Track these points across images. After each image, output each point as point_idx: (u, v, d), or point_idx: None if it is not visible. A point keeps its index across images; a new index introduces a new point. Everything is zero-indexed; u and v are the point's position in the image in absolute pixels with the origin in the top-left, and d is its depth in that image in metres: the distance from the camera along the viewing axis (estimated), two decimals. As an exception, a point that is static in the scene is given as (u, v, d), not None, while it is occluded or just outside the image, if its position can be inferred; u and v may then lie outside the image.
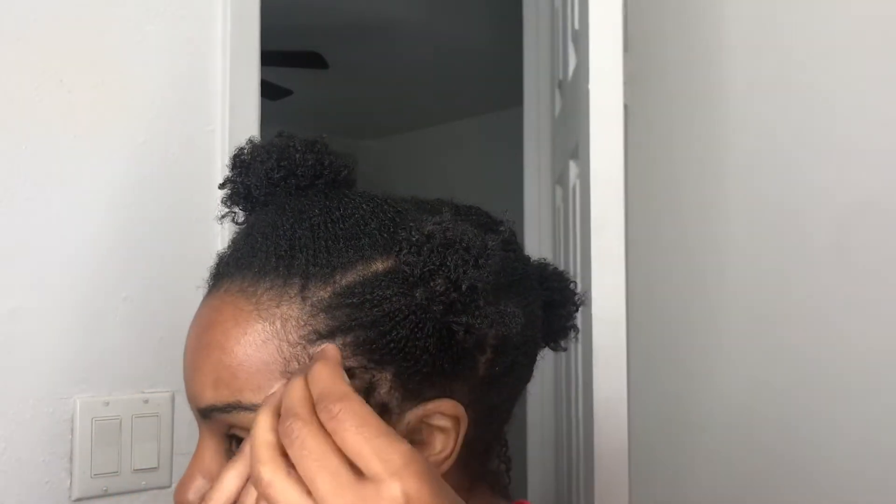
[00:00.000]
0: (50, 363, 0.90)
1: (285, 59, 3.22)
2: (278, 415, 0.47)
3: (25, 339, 0.89)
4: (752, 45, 1.57)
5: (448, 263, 0.50)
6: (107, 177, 0.95)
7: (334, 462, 0.44)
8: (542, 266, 0.68)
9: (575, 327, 0.69)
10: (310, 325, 0.51)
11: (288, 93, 3.62)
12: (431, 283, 0.50)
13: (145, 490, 0.96)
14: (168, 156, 1.00)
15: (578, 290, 0.70)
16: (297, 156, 0.58)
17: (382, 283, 0.52)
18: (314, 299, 0.52)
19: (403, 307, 0.51)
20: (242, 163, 0.60)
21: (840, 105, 1.46)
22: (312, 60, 3.33)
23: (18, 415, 0.88)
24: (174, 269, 0.99)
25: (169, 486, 0.98)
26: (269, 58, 2.49)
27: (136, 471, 0.95)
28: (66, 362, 0.92)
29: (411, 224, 0.53)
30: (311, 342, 0.51)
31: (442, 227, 0.51)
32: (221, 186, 0.61)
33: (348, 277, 0.52)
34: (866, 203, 1.42)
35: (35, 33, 0.91)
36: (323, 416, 0.45)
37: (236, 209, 0.62)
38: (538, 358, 0.64)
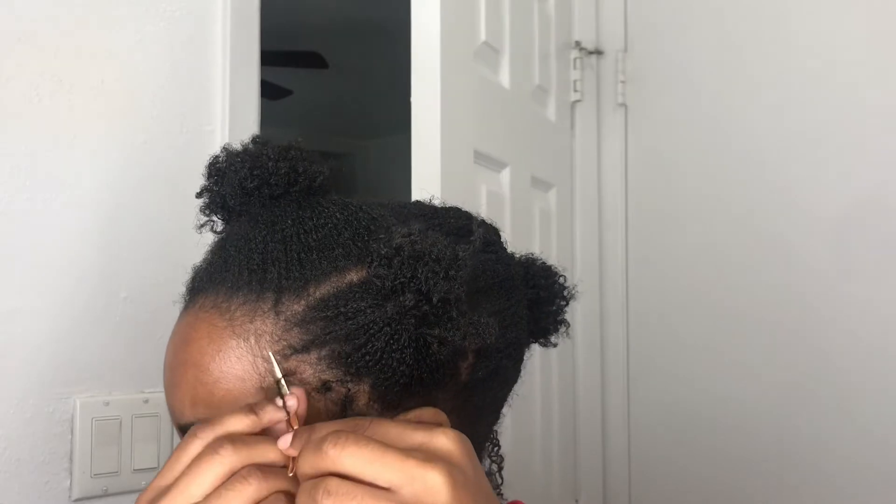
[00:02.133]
0: (50, 363, 0.90)
1: (285, 59, 3.22)
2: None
3: (25, 339, 0.89)
4: (752, 44, 1.57)
5: (419, 276, 0.50)
6: (107, 177, 0.95)
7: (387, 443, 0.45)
8: (529, 263, 0.66)
9: (565, 322, 0.68)
10: (284, 339, 0.51)
11: (288, 93, 3.63)
12: (402, 298, 0.50)
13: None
14: (168, 156, 1.00)
15: (567, 283, 0.68)
16: (270, 164, 0.57)
17: (356, 296, 0.51)
18: (288, 313, 0.51)
19: (378, 319, 0.50)
20: (218, 171, 0.59)
21: (840, 104, 1.46)
22: (312, 60, 3.33)
23: (18, 415, 0.88)
24: (174, 270, 0.99)
25: (169, 486, 0.98)
26: (269, 58, 2.49)
27: (136, 471, 0.95)
28: (66, 362, 0.91)
29: (381, 236, 0.52)
30: (286, 357, 0.51)
31: (410, 239, 0.51)
32: (199, 195, 0.60)
33: (322, 290, 0.51)
34: (866, 202, 1.42)
35: (35, 33, 0.91)
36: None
37: (215, 218, 0.61)
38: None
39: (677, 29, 1.68)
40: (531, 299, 0.64)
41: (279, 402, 0.49)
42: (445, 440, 0.45)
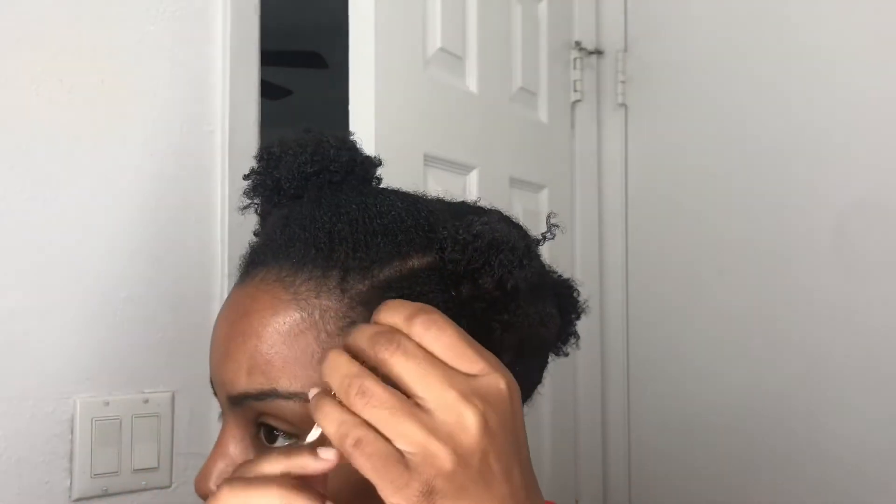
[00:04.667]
0: (50, 363, 0.90)
1: (285, 59, 3.22)
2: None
3: (25, 339, 0.89)
4: (752, 44, 1.57)
5: (492, 262, 0.51)
6: (106, 177, 0.95)
7: (440, 362, 0.44)
8: (551, 271, 0.67)
9: (576, 334, 0.69)
10: (349, 317, 0.52)
11: (288, 93, 3.62)
12: (479, 281, 0.51)
13: (145, 490, 0.96)
14: (168, 156, 1.00)
15: (581, 298, 0.69)
16: (332, 151, 0.59)
17: (420, 279, 0.53)
18: (353, 292, 0.52)
19: (441, 304, 0.51)
20: (272, 155, 0.60)
21: (840, 104, 1.46)
22: (312, 60, 3.33)
23: (18, 415, 0.88)
24: (174, 270, 0.99)
25: (169, 487, 0.98)
26: (269, 58, 2.49)
27: (136, 471, 0.95)
28: (66, 362, 0.92)
29: (457, 223, 0.53)
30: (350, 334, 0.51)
31: (490, 227, 0.52)
32: (247, 177, 0.62)
33: (386, 272, 0.53)
34: (866, 203, 1.42)
35: (35, 33, 0.91)
36: (415, 330, 0.45)
37: (257, 201, 0.62)
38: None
39: (677, 29, 1.68)
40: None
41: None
42: (496, 380, 0.45)
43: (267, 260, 0.55)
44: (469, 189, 1.33)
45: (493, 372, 0.45)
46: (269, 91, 3.34)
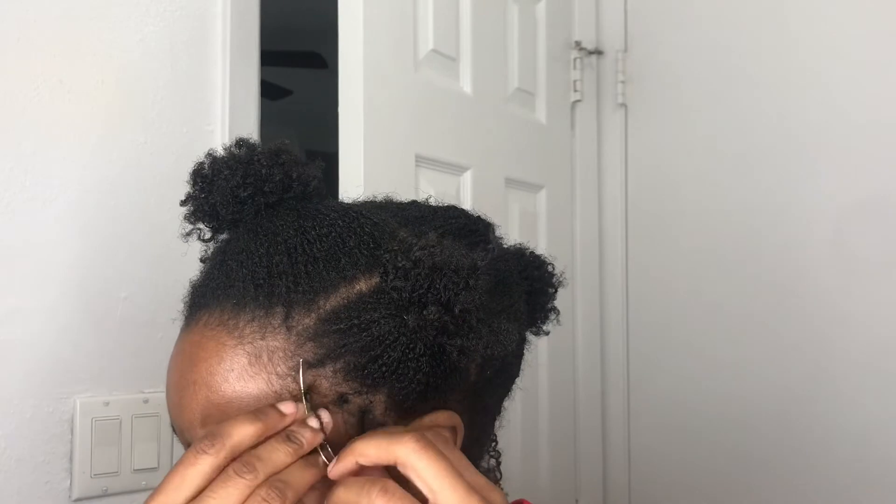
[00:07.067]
0: (50, 363, 0.90)
1: (285, 59, 3.22)
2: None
3: (25, 339, 0.89)
4: (752, 44, 1.57)
5: (437, 287, 0.49)
6: (107, 177, 0.95)
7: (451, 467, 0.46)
8: (520, 254, 0.66)
9: (555, 309, 0.67)
10: (298, 355, 0.50)
11: (288, 93, 3.62)
12: (424, 311, 0.49)
13: (145, 490, 0.96)
14: (168, 156, 1.00)
15: (556, 271, 0.67)
16: (264, 171, 0.55)
17: (369, 306, 0.50)
18: (299, 328, 0.50)
19: (393, 330, 0.50)
20: (204, 178, 0.56)
21: (840, 104, 1.46)
22: (312, 60, 3.33)
23: (18, 415, 0.88)
24: (174, 269, 0.99)
25: (169, 486, 0.98)
26: (269, 58, 2.49)
27: (136, 471, 0.95)
28: (66, 362, 0.92)
29: (395, 247, 0.51)
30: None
31: (428, 251, 0.49)
32: (183, 203, 0.58)
33: (332, 301, 0.50)
34: (866, 202, 1.42)
35: (35, 33, 0.91)
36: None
37: (201, 226, 0.58)
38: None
39: (677, 29, 1.68)
40: (526, 291, 0.64)
41: (313, 421, 0.49)
42: (500, 498, 0.46)
43: (208, 301, 0.53)
44: (464, 190, 1.33)
45: (495, 490, 0.46)
46: (269, 91, 3.34)
